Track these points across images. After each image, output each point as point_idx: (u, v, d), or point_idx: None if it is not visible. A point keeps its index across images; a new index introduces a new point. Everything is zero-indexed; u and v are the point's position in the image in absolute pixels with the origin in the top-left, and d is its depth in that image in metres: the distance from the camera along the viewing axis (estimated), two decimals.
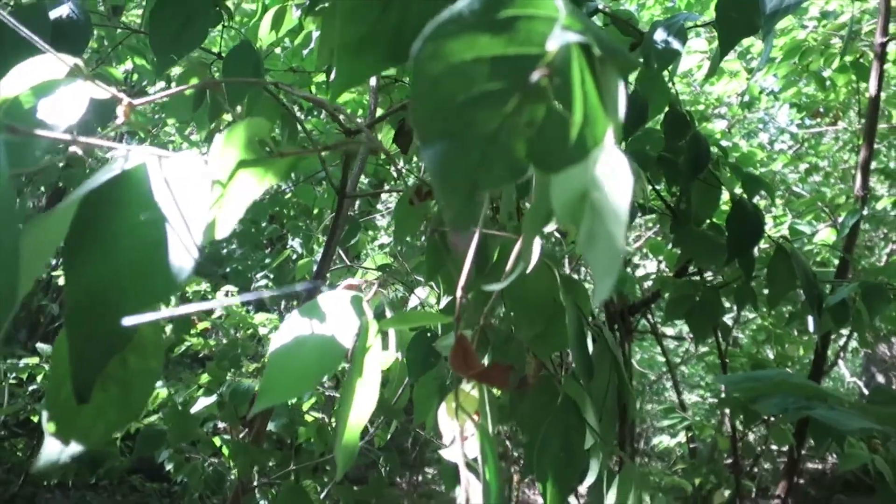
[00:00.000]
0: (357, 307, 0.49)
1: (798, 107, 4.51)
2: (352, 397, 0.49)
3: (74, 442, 0.39)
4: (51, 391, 0.40)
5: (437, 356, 1.34)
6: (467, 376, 0.48)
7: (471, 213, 0.28)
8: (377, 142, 0.88)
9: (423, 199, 0.67)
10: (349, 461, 0.49)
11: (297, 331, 0.49)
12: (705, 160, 1.50)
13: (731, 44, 1.18)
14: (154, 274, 0.38)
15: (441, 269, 0.68)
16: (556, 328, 0.67)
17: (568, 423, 0.63)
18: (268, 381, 0.48)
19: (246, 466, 1.27)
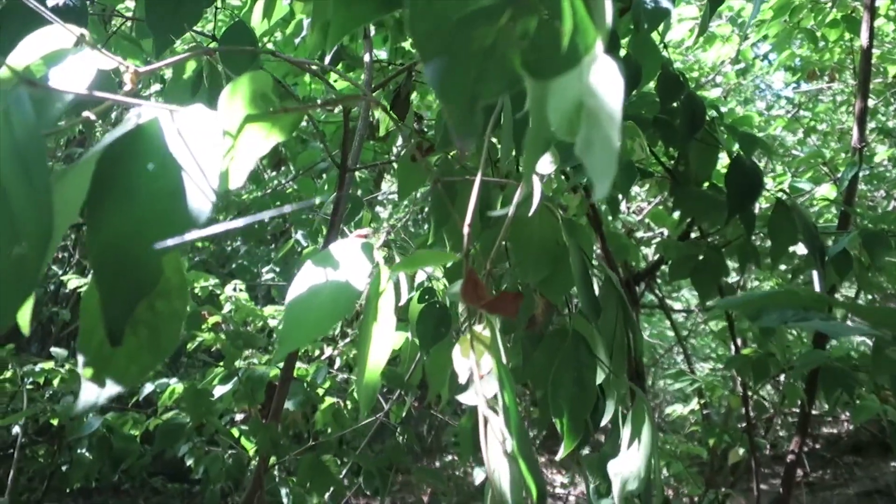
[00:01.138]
0: (368, 253, 0.51)
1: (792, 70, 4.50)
2: (369, 340, 0.51)
3: (111, 384, 0.41)
4: (83, 339, 0.41)
5: (447, 326, 1.36)
6: (478, 306, 0.49)
7: (473, 122, 0.30)
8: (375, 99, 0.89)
9: (425, 155, 0.68)
10: (371, 400, 0.50)
11: (311, 279, 0.51)
12: (701, 119, 1.51)
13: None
14: (173, 220, 0.40)
15: (447, 221, 0.69)
16: (562, 271, 0.69)
17: (579, 359, 0.65)
18: (286, 328, 0.49)
19: (266, 443, 1.30)
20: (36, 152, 0.33)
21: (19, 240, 0.31)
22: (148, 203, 0.41)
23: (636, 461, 0.64)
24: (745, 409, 2.07)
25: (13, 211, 0.32)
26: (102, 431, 2.24)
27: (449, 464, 5.39)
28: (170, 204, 0.41)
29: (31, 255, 0.31)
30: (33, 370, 2.53)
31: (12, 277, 0.31)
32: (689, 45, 3.37)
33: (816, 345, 1.91)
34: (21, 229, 0.32)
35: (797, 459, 2.14)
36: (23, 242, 0.31)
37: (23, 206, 0.32)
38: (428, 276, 1.51)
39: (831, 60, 3.57)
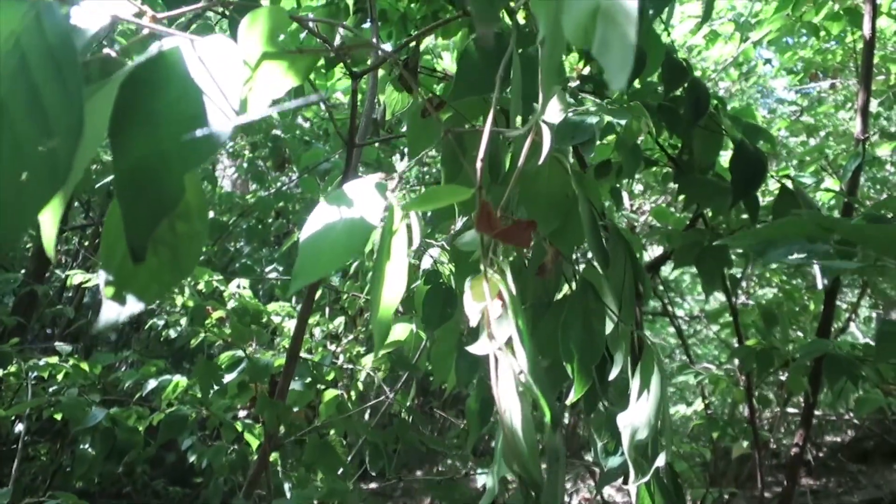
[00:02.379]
0: (381, 191, 0.52)
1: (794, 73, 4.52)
2: (382, 278, 0.52)
3: (132, 301, 0.42)
4: (106, 258, 0.42)
5: (453, 307, 1.37)
6: (492, 235, 0.50)
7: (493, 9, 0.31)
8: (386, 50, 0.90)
9: (436, 110, 0.69)
10: (385, 336, 0.51)
11: (326, 217, 0.52)
12: (705, 105, 1.52)
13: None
14: (194, 142, 0.41)
15: (458, 174, 0.70)
16: (572, 223, 0.69)
17: (587, 306, 0.66)
18: (301, 263, 0.50)
19: (273, 420, 1.30)
20: (68, 55, 0.33)
21: (51, 135, 0.32)
22: (169, 125, 0.41)
23: (646, 410, 0.64)
24: (749, 403, 2.08)
25: (46, 109, 0.33)
26: (106, 424, 2.24)
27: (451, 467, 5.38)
28: (191, 125, 0.41)
29: (62, 149, 0.32)
30: (37, 364, 2.53)
31: (43, 171, 0.32)
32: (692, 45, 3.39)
33: (820, 335, 1.91)
34: (53, 126, 0.32)
35: (801, 452, 2.13)
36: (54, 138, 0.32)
37: (55, 105, 0.33)
38: (434, 260, 1.52)
39: (834, 60, 3.58)
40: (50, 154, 0.32)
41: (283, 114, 3.76)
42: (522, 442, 0.52)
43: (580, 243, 0.74)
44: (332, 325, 2.88)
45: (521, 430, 0.53)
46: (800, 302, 3.03)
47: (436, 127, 0.66)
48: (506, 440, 0.55)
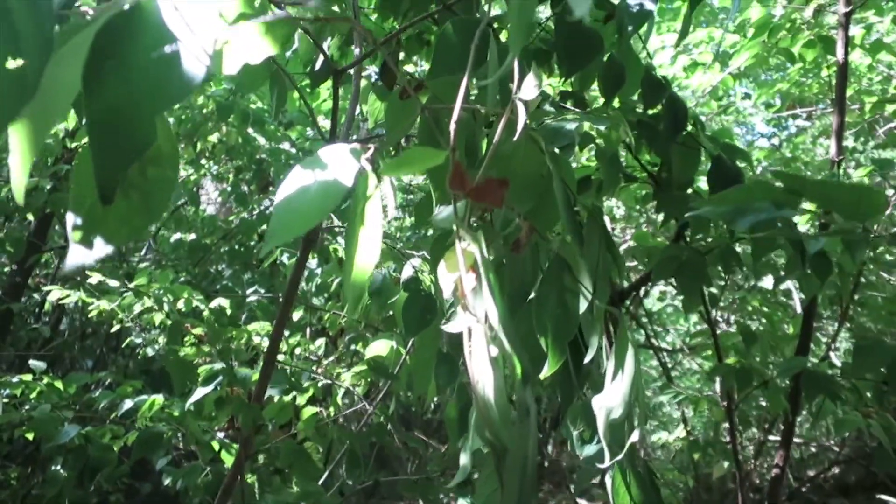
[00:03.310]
0: (356, 155, 0.52)
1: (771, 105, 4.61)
2: (356, 242, 0.52)
3: (100, 244, 0.42)
4: (75, 203, 0.42)
5: (432, 314, 1.37)
6: (464, 194, 0.50)
7: None
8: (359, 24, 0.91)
9: (416, 90, 0.70)
10: (359, 299, 0.51)
11: (300, 180, 0.52)
12: (684, 120, 1.54)
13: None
14: (168, 86, 0.41)
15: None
16: (547, 203, 0.70)
17: (562, 282, 0.66)
18: (274, 224, 0.50)
19: (248, 422, 1.28)
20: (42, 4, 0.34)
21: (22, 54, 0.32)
22: (144, 71, 0.42)
23: (620, 389, 0.64)
24: (730, 420, 2.08)
25: (16, 28, 0.33)
26: (79, 442, 2.19)
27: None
28: (165, 72, 0.42)
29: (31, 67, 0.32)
30: (10, 381, 2.48)
31: (13, 87, 0.32)
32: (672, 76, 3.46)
33: (799, 353, 1.93)
34: (24, 45, 0.33)
35: (782, 473, 2.13)
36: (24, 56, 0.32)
37: (25, 24, 0.33)
38: (415, 269, 1.52)
39: (810, 92, 3.66)
40: (19, 72, 0.32)
41: (269, 135, 3.78)
42: (494, 409, 0.52)
43: (556, 223, 0.75)
44: (312, 347, 2.86)
45: (493, 398, 0.52)
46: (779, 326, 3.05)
47: (414, 108, 0.67)
48: (478, 409, 0.54)
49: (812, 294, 1.91)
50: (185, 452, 2.73)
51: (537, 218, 0.71)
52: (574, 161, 2.12)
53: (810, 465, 6.18)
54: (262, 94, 4.26)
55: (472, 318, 0.56)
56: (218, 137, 4.10)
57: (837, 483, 5.94)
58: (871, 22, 2.87)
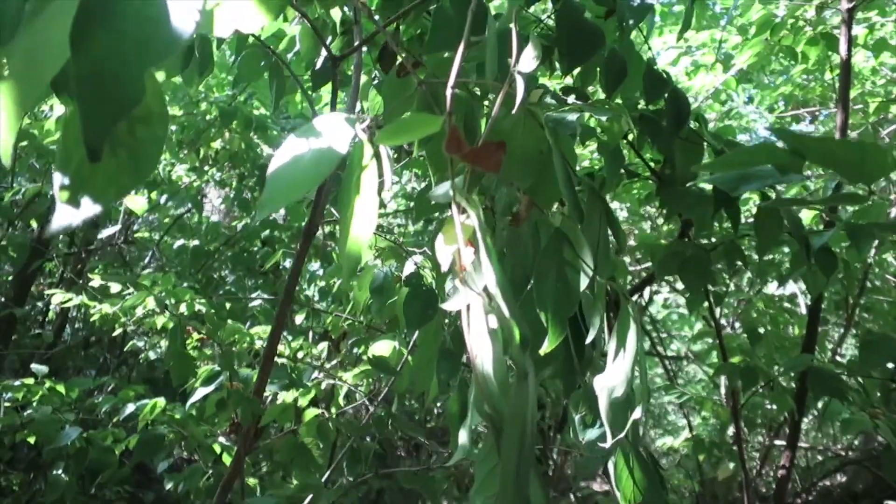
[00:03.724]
0: (350, 123, 0.51)
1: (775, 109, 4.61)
2: (351, 210, 0.51)
3: (87, 204, 0.41)
4: (62, 162, 0.41)
5: (434, 308, 1.36)
6: (460, 157, 0.49)
7: None
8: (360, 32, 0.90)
9: (414, 67, 0.69)
10: (354, 267, 0.50)
11: (294, 149, 0.51)
12: (686, 115, 1.53)
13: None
14: (156, 43, 0.41)
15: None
16: (547, 180, 0.69)
17: (562, 257, 0.65)
18: (269, 191, 0.49)
19: (248, 416, 1.27)
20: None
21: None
22: (132, 27, 0.41)
23: (622, 368, 0.63)
24: (735, 422, 2.06)
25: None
26: (80, 445, 2.18)
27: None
28: (153, 28, 0.41)
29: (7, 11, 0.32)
30: (12, 385, 2.48)
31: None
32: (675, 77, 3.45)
33: (804, 351, 1.91)
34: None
35: (788, 474, 2.11)
36: None
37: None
38: (417, 265, 1.51)
39: (813, 93, 3.65)
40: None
41: (272, 141, 3.78)
42: (493, 381, 0.51)
43: (556, 200, 0.74)
44: (315, 351, 2.85)
45: (492, 370, 0.51)
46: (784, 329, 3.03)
47: (411, 85, 0.66)
48: (477, 384, 0.53)
49: (818, 292, 1.89)
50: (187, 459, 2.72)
51: (537, 194, 0.70)
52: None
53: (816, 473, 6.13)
54: (264, 100, 4.27)
55: (471, 293, 0.55)
56: (221, 144, 4.10)
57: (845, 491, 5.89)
58: (874, 22, 2.86)
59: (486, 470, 0.55)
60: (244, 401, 1.32)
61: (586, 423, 0.79)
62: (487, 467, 0.55)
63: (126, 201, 2.65)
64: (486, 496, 0.55)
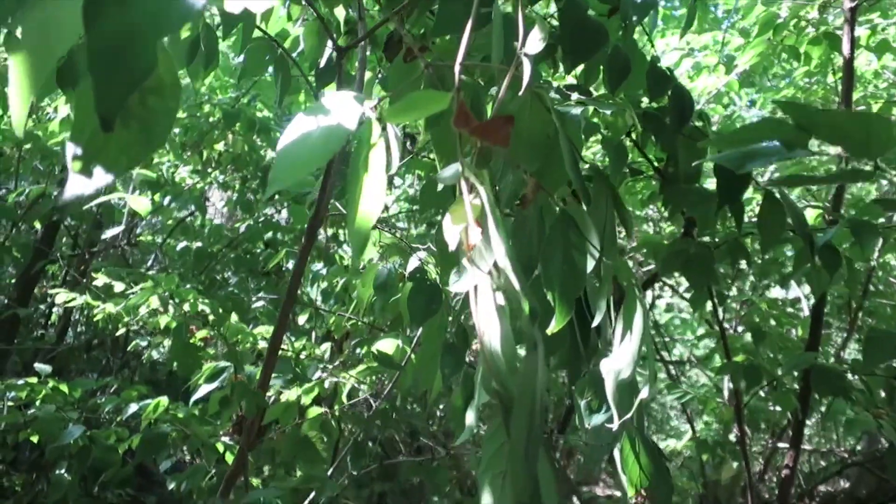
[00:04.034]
0: (359, 100, 0.51)
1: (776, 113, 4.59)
2: (360, 188, 0.51)
3: (100, 173, 0.41)
4: (75, 133, 0.42)
5: (437, 303, 1.36)
6: (468, 131, 0.49)
7: None
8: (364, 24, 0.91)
9: (421, 52, 0.69)
10: (362, 245, 0.50)
11: (302, 127, 0.51)
12: (690, 111, 1.54)
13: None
14: (168, 11, 0.41)
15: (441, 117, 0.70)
16: (553, 163, 0.69)
17: (568, 238, 0.65)
18: (277, 168, 0.50)
19: (252, 408, 1.27)
20: None
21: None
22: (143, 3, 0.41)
23: (629, 350, 0.63)
24: (739, 421, 2.05)
25: None
26: (83, 443, 2.18)
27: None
28: (164, 2, 0.41)
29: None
30: (15, 384, 2.48)
31: None
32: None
33: (808, 349, 1.90)
34: None
35: (792, 474, 2.10)
36: None
37: None
38: (421, 261, 1.51)
39: (815, 96, 3.65)
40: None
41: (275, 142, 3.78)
42: (501, 358, 0.51)
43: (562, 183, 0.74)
44: (317, 351, 2.85)
45: (500, 347, 0.51)
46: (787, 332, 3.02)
47: (417, 69, 0.67)
48: (485, 362, 0.53)
49: (821, 290, 1.89)
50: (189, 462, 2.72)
51: (543, 178, 0.70)
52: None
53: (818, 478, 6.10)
54: (268, 102, 4.28)
55: (479, 272, 0.55)
56: (224, 146, 4.11)
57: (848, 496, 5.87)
58: (876, 23, 2.86)
59: (493, 448, 0.55)
60: (248, 393, 1.32)
61: (592, 409, 0.79)
62: (494, 446, 0.55)
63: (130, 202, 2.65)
64: (494, 474, 0.55)
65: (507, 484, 0.53)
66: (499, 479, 0.55)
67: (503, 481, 0.54)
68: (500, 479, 0.55)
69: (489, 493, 0.55)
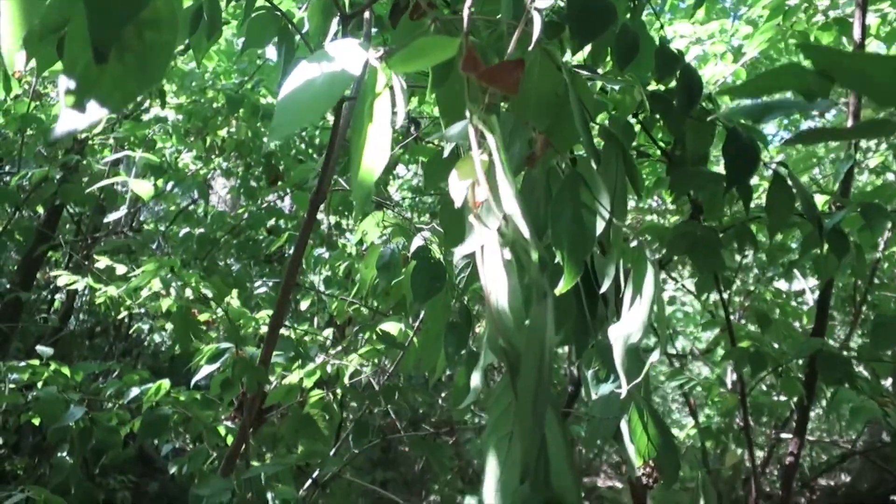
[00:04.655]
0: (364, 46, 0.50)
1: None
2: (363, 138, 0.50)
3: (93, 108, 0.39)
4: (68, 66, 0.40)
5: (441, 281, 1.34)
6: (477, 76, 0.48)
7: None
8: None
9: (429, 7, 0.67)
10: (366, 198, 0.49)
11: (306, 74, 0.50)
12: (698, 92, 1.51)
13: None
14: None
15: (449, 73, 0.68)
16: (563, 122, 0.67)
17: (578, 197, 0.63)
18: (279, 115, 0.48)
19: (253, 384, 1.26)
20: None
21: None
22: None
23: (639, 314, 0.61)
24: (743, 408, 2.04)
25: None
26: (84, 424, 2.17)
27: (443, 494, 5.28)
28: None
29: None
30: (17, 366, 2.47)
31: None
32: None
33: (814, 335, 1.89)
34: None
35: (796, 461, 2.09)
36: None
37: None
38: (426, 240, 1.50)
39: None
40: None
41: None
42: (508, 315, 0.49)
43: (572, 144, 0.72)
44: (320, 337, 2.84)
45: (507, 303, 0.50)
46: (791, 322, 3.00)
47: (423, 26, 0.65)
48: (491, 320, 0.52)
49: (828, 276, 1.87)
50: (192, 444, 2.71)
51: (553, 137, 0.69)
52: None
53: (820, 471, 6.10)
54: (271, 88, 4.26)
55: (486, 230, 0.53)
56: (227, 132, 4.10)
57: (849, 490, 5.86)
58: (886, 12, 2.83)
59: (499, 410, 0.54)
60: (250, 368, 1.31)
61: (599, 379, 0.78)
62: (501, 407, 0.54)
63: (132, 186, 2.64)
64: (500, 436, 0.53)
65: (513, 444, 0.52)
66: (505, 442, 0.53)
67: (509, 443, 0.52)
68: (507, 441, 0.53)
69: (494, 455, 0.53)
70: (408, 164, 3.94)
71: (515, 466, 0.51)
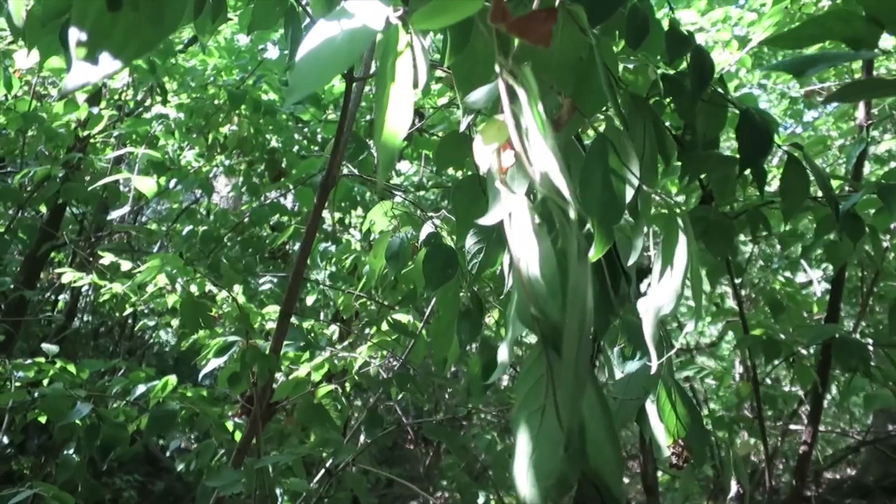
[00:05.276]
0: (386, 3, 0.48)
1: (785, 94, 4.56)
2: (386, 100, 0.48)
3: (106, 60, 0.37)
4: (78, 16, 0.38)
5: (453, 268, 1.32)
6: (506, 27, 0.46)
7: None
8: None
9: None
10: (390, 161, 0.47)
11: (325, 32, 0.48)
12: (710, 74, 1.49)
13: None
14: None
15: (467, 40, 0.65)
16: (588, 87, 0.65)
17: (607, 163, 0.61)
18: (298, 73, 0.46)
19: (264, 373, 1.24)
20: None
21: None
22: None
23: (671, 285, 0.59)
24: (756, 396, 2.02)
25: None
26: (91, 421, 2.15)
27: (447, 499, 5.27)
28: None
29: None
30: (23, 364, 2.45)
31: None
32: None
33: (828, 321, 1.87)
34: None
35: (810, 450, 2.07)
36: None
37: None
38: (436, 227, 1.48)
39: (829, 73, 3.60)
40: None
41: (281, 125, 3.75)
42: (541, 281, 0.47)
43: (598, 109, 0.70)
44: (326, 332, 2.82)
45: (539, 271, 0.48)
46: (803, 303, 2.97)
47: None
48: (521, 290, 0.49)
49: (842, 261, 1.85)
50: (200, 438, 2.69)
51: (581, 101, 0.66)
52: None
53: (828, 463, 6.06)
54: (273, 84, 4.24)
55: (513, 196, 0.51)
56: (229, 129, 4.07)
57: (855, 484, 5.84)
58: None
59: (530, 383, 0.51)
60: (261, 357, 1.29)
61: (625, 356, 0.75)
62: (532, 381, 0.51)
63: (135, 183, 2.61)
64: (531, 411, 0.51)
65: (546, 419, 0.49)
66: (537, 416, 0.51)
67: (542, 417, 0.50)
68: (538, 415, 0.51)
69: (526, 431, 0.51)
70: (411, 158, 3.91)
71: (550, 442, 0.48)
